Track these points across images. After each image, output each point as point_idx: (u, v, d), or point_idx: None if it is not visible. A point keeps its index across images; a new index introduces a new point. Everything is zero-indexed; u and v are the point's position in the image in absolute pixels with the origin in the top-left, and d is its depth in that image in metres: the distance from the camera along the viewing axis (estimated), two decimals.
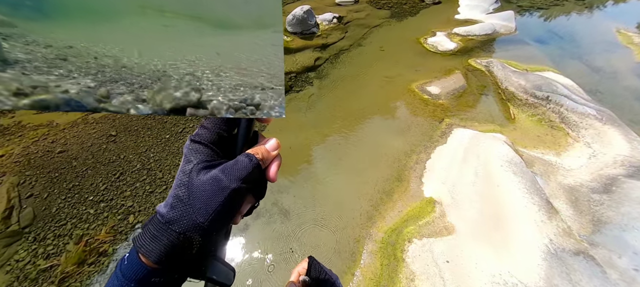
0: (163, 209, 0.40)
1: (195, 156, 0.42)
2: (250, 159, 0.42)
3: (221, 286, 0.45)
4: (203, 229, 0.38)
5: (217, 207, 0.39)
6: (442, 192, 2.86)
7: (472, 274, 2.17)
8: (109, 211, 2.98)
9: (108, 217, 2.94)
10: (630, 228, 2.33)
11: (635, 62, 5.20)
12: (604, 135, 3.29)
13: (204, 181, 0.40)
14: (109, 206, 3.03)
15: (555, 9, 7.37)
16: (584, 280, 2.03)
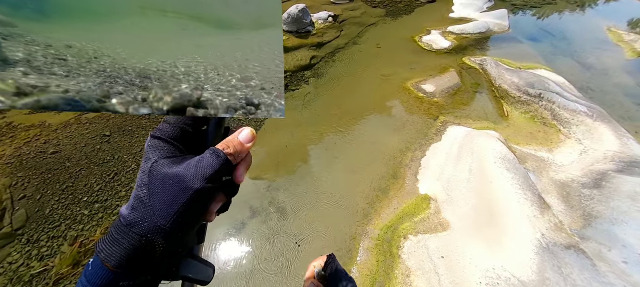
0: (125, 211, 0.38)
1: (155, 152, 0.40)
2: (218, 155, 0.39)
3: (199, 283, 0.44)
4: (165, 232, 0.36)
5: (179, 209, 0.36)
6: (437, 189, 2.89)
7: (467, 269, 2.20)
8: (103, 212, 2.96)
9: (103, 218, 2.91)
10: (620, 222, 2.38)
11: (626, 59, 5.30)
12: (595, 131, 3.35)
13: (165, 180, 0.37)
14: (103, 207, 3.00)
15: (548, 8, 7.46)
16: (575, 273, 2.08)
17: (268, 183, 3.16)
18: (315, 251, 2.55)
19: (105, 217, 2.91)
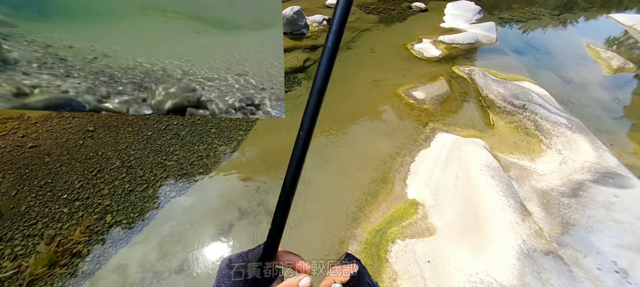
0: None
1: None
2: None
3: None
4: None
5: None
6: (425, 194, 2.95)
7: (452, 274, 2.25)
8: (84, 210, 2.85)
9: (83, 217, 2.80)
10: (595, 230, 2.50)
11: (603, 75, 5.59)
12: (574, 143, 3.52)
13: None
14: (84, 205, 2.89)
15: (532, 22, 7.79)
16: (553, 278, 2.17)
17: (258, 184, 3.13)
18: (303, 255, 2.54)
19: (85, 216, 2.80)
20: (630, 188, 2.83)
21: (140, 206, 2.94)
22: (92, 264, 2.49)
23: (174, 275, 2.44)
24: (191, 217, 2.82)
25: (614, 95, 5.11)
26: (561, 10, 8.78)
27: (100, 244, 2.62)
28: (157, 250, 2.59)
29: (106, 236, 2.69)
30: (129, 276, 2.42)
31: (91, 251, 2.58)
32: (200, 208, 2.91)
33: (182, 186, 3.13)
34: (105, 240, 2.66)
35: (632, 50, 6.61)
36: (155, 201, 3.00)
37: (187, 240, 2.65)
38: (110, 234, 2.70)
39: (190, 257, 2.53)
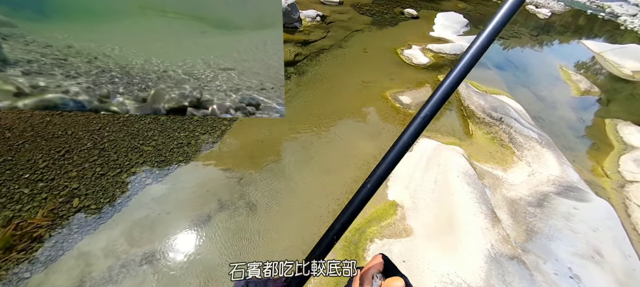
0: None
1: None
2: None
3: None
4: None
5: None
6: (404, 197, 3.04)
7: (425, 274, 2.35)
8: (48, 192, 2.65)
9: (47, 199, 2.61)
10: (555, 238, 2.71)
11: (571, 96, 6.03)
12: (542, 157, 3.77)
13: None
14: (49, 187, 2.69)
15: (513, 40, 8.22)
16: (515, 281, 2.32)
17: (240, 176, 3.07)
18: (283, 250, 2.54)
19: (49, 198, 2.61)
20: (587, 202, 3.09)
21: (111, 192, 2.78)
22: (53, 250, 2.33)
23: (144, 265, 2.34)
24: (166, 206, 2.72)
25: (579, 115, 5.53)
26: (539, 32, 9.33)
27: (64, 229, 2.45)
28: (126, 238, 2.47)
29: (72, 220, 2.52)
30: (93, 264, 2.29)
31: (54, 236, 2.41)
32: (176, 197, 2.81)
33: (159, 173, 3.00)
34: (70, 225, 2.49)
35: (597, 75, 7.18)
36: (129, 187, 2.85)
37: (160, 229, 2.55)
38: (77, 219, 2.54)
39: (161, 248, 2.44)
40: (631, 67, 7.18)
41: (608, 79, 7.05)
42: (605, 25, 11.25)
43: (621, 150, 4.58)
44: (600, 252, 2.63)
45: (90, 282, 2.21)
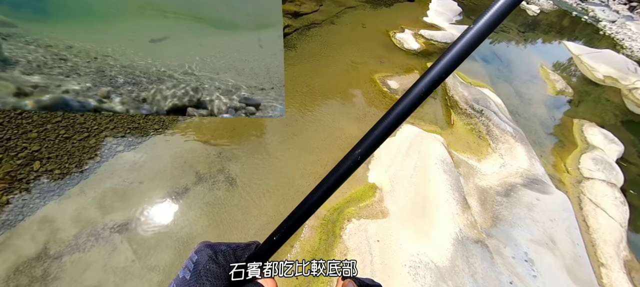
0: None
1: None
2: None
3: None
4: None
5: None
6: (384, 180, 3.12)
7: (396, 253, 2.47)
8: (4, 153, 2.43)
9: (3, 161, 2.39)
10: (517, 226, 2.94)
11: (547, 94, 6.33)
12: (514, 150, 3.99)
13: None
14: (4, 147, 2.46)
15: (501, 34, 8.34)
16: (477, 263, 2.52)
17: (220, 149, 2.98)
18: (261, 226, 2.55)
19: (5, 160, 2.39)
20: (548, 194, 3.34)
21: (78, 156, 2.60)
22: (12, 214, 2.17)
23: (114, 234, 2.26)
24: (140, 176, 2.59)
25: (551, 113, 5.85)
26: (526, 29, 9.53)
27: (23, 193, 2.28)
28: (96, 206, 2.35)
29: (32, 185, 2.35)
30: (59, 230, 2.18)
31: (12, 200, 2.24)
32: (151, 167, 2.68)
33: (131, 140, 2.82)
34: (30, 189, 2.32)
35: (572, 77, 7.55)
36: (98, 152, 2.67)
37: (133, 199, 2.45)
38: (38, 184, 2.37)
39: (134, 218, 2.36)
40: (603, 72, 7.60)
41: (581, 81, 7.45)
42: (587, 29, 11.70)
43: (583, 149, 4.94)
44: (554, 240, 2.90)
45: (55, 249, 2.11)
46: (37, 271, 1.99)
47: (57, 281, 1.98)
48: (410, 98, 0.38)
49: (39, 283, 1.95)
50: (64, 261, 2.07)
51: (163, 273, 2.16)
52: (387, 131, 0.38)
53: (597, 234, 3.57)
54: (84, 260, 2.11)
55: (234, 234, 2.45)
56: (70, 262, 2.07)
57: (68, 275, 2.02)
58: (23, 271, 1.97)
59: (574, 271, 2.71)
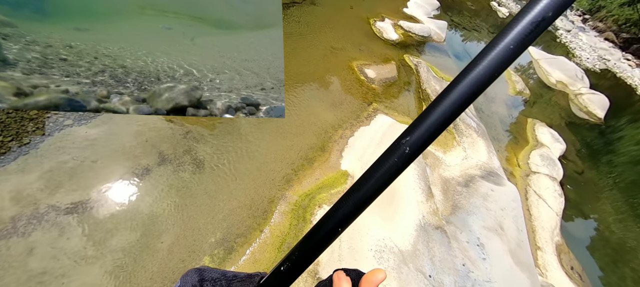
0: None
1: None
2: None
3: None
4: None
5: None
6: (356, 168, 3.18)
7: (363, 238, 2.57)
8: None
9: None
10: (473, 214, 3.20)
11: (508, 94, 6.84)
12: (476, 144, 4.28)
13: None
14: None
15: (473, 33, 8.74)
16: (436, 247, 2.72)
17: (187, 129, 2.79)
18: (229, 211, 2.47)
19: None
20: (502, 186, 3.68)
21: (15, 129, 2.26)
22: None
23: (62, 216, 2.05)
24: (93, 154, 2.35)
25: (510, 112, 6.35)
26: (495, 30, 10.07)
27: None
28: (40, 186, 2.10)
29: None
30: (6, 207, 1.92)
31: None
32: (106, 144, 2.44)
33: (83, 114, 2.52)
34: None
35: (530, 79, 8.23)
36: (41, 125, 2.36)
37: (83, 179, 2.22)
38: None
39: (87, 198, 2.15)
40: (556, 77, 8.37)
41: (538, 84, 8.14)
42: (546, 35, 12.70)
43: (534, 145, 5.47)
44: (503, 227, 3.22)
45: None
46: None
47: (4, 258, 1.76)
48: None
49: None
50: (1, 243, 1.83)
51: (120, 257, 2.02)
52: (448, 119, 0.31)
53: (537, 222, 4.04)
54: (26, 243, 1.89)
55: (200, 218, 2.35)
56: (8, 246, 1.85)
57: (7, 260, 1.80)
58: None
59: (516, 254, 3.05)
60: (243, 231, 2.42)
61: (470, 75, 0.32)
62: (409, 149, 0.32)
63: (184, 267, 2.10)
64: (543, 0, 0.29)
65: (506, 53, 0.30)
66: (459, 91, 0.32)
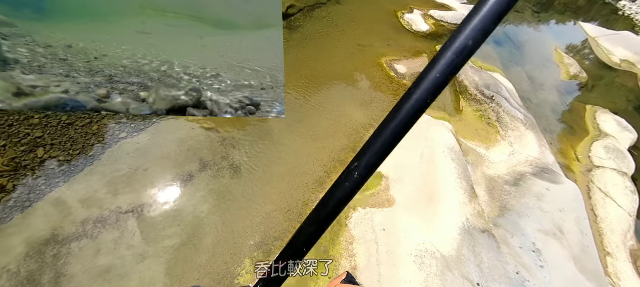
0: None
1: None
2: None
3: None
4: None
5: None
6: (390, 168, 3.06)
7: (402, 242, 2.45)
8: (7, 139, 2.39)
9: (7, 147, 2.36)
10: (525, 216, 2.89)
11: (560, 80, 6.09)
12: (524, 138, 3.87)
13: None
14: (7, 133, 2.42)
15: (515, 15, 7.94)
16: (484, 252, 2.50)
17: (224, 136, 2.92)
18: (266, 214, 2.53)
19: (9, 146, 2.37)
20: (559, 184, 3.27)
21: (82, 143, 2.57)
22: (20, 200, 2.18)
23: (122, 218, 2.26)
24: (144, 162, 2.56)
25: (563, 99, 5.65)
26: (540, 9, 9.05)
27: (29, 179, 2.27)
28: (104, 192, 2.34)
29: (38, 172, 2.33)
30: (69, 215, 2.18)
31: (17, 187, 2.23)
32: (155, 153, 2.65)
33: (134, 126, 2.77)
34: (36, 176, 2.31)
35: (586, 61, 7.24)
36: (102, 139, 2.64)
37: (139, 185, 2.43)
38: (44, 170, 2.35)
39: (142, 203, 2.35)
40: (620, 55, 7.27)
41: (596, 65, 7.14)
42: (605, 9, 11.11)
43: (595, 136, 4.80)
44: (562, 230, 2.86)
45: (65, 233, 2.12)
46: (50, 253, 2.01)
47: (67, 266, 2.00)
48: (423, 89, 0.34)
49: (50, 268, 1.98)
50: (73, 246, 2.08)
51: (173, 255, 2.17)
52: (398, 134, 0.35)
53: (605, 224, 3.53)
54: (94, 243, 2.12)
55: (239, 222, 2.44)
56: (80, 246, 2.09)
57: (78, 260, 2.04)
58: (36, 254, 2.00)
59: (581, 261, 2.69)
60: (280, 234, 2.46)
61: (407, 104, 0.35)
62: (358, 175, 0.35)
63: (227, 270, 2.19)
64: (464, 33, 0.33)
65: (436, 82, 0.35)
66: (399, 119, 0.35)
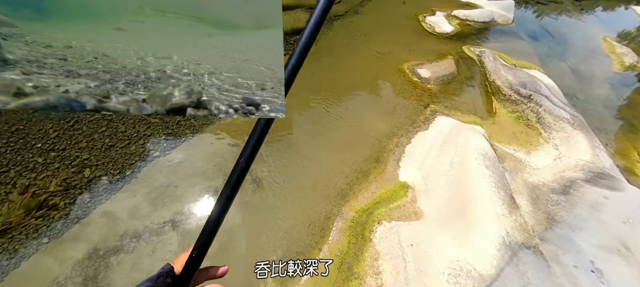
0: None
1: None
2: None
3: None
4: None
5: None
6: (416, 178, 2.90)
7: (433, 259, 2.27)
8: (60, 162, 2.70)
9: (60, 169, 2.66)
10: (579, 229, 2.53)
11: (613, 71, 5.40)
12: (572, 139, 3.45)
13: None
14: (60, 156, 2.73)
15: (552, 6, 7.30)
16: (530, 272, 2.21)
17: None
18: (288, 228, 2.52)
19: (62, 168, 2.66)
20: (620, 191, 2.83)
21: (121, 163, 2.80)
22: (71, 216, 2.42)
23: (161, 229, 2.40)
24: (177, 178, 2.72)
25: (619, 93, 4.98)
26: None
27: (79, 197, 2.52)
28: (145, 205, 2.52)
29: (85, 191, 2.58)
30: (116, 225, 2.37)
31: (69, 205, 2.48)
32: (184, 171, 2.80)
33: (166, 146, 2.97)
34: (84, 194, 2.55)
35: None
36: (139, 158, 2.86)
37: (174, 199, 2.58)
38: (90, 188, 2.60)
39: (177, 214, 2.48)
40: None
41: None
42: None
43: None
44: (628, 246, 2.44)
45: (111, 244, 2.29)
46: (103, 259, 2.19)
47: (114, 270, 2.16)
48: None
49: (104, 269, 2.14)
50: (120, 256, 2.24)
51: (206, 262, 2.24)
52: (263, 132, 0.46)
53: None
54: (139, 250, 2.27)
55: (262, 236, 2.45)
56: (127, 251, 2.25)
57: (131, 262, 2.19)
58: (93, 258, 2.18)
59: None
60: (302, 248, 2.42)
61: None
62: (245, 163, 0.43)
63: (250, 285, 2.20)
64: None
65: None
66: None
